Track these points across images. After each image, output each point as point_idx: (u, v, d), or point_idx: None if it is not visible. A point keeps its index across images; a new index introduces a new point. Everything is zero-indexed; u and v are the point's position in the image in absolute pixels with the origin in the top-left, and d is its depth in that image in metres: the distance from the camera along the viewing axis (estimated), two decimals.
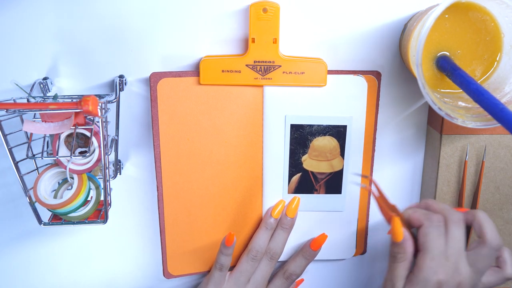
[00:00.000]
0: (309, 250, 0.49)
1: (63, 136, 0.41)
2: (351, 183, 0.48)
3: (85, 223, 0.43)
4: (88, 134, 0.41)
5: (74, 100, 0.38)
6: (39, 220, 0.43)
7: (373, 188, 0.45)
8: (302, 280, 0.53)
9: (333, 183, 0.49)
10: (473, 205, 0.48)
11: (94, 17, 0.43)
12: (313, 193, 0.49)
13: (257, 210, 0.49)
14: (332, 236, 0.50)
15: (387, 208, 0.44)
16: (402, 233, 0.41)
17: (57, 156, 0.40)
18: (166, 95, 0.45)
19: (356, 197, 0.49)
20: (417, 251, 0.41)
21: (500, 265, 0.43)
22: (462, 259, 0.40)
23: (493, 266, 0.43)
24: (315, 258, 0.51)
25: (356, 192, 0.49)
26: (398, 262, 0.41)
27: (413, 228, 0.43)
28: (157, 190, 0.47)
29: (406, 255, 0.41)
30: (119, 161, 0.48)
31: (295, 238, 0.50)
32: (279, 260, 0.50)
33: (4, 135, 0.40)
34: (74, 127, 0.40)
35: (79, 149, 0.42)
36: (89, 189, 0.42)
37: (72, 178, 0.41)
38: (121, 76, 0.45)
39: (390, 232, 0.42)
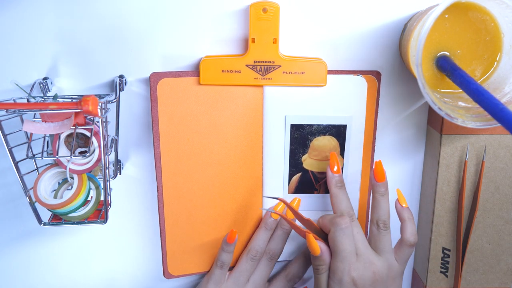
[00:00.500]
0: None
1: (63, 136, 0.41)
2: (269, 209, 0.48)
3: (85, 223, 0.43)
4: (88, 134, 0.41)
5: (74, 100, 0.38)
6: (39, 220, 0.43)
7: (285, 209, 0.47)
8: None
9: None
10: (473, 205, 0.48)
11: (94, 17, 0.43)
12: (313, 193, 0.49)
13: (257, 210, 0.49)
14: None
15: (299, 227, 0.45)
16: (318, 246, 0.43)
17: (57, 156, 0.40)
18: (166, 95, 0.45)
19: (356, 197, 0.50)
20: None
21: (401, 233, 0.45)
22: (370, 251, 0.44)
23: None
24: None
25: (356, 192, 0.49)
26: (321, 273, 0.44)
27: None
28: (157, 190, 0.47)
29: (327, 266, 0.43)
30: (119, 161, 0.48)
31: (295, 237, 0.50)
32: (279, 260, 0.50)
33: (4, 135, 0.40)
34: (74, 127, 0.40)
35: (79, 149, 0.42)
36: (89, 189, 0.42)
37: (72, 178, 0.41)
38: (121, 76, 0.45)
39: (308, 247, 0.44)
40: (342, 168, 0.48)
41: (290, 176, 0.48)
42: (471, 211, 0.48)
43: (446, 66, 0.40)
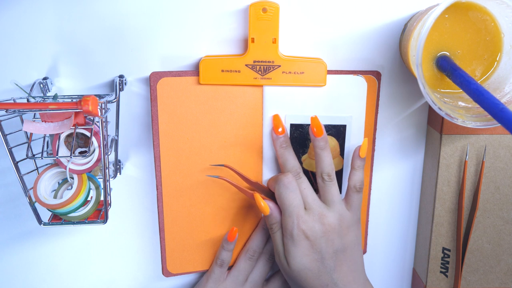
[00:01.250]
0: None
1: (63, 136, 0.41)
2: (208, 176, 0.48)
3: (85, 223, 0.43)
4: (88, 134, 0.41)
5: (74, 100, 0.38)
6: (39, 220, 0.43)
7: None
8: None
9: None
10: (473, 205, 0.48)
11: (94, 17, 0.43)
12: None
13: (256, 209, 0.49)
14: None
15: (246, 188, 0.46)
16: (267, 205, 0.44)
17: (57, 156, 0.40)
18: (165, 95, 0.45)
19: None
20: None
21: (348, 180, 0.46)
22: (319, 203, 0.44)
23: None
24: None
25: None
26: (275, 232, 0.44)
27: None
28: (157, 189, 0.47)
29: (278, 223, 0.44)
30: (119, 161, 0.48)
31: None
32: None
33: (4, 135, 0.40)
34: (74, 127, 0.40)
35: (79, 149, 0.42)
36: (89, 189, 0.42)
37: (72, 178, 0.41)
38: (121, 76, 0.45)
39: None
40: (342, 169, 0.48)
41: None
42: (471, 211, 0.48)
43: (446, 66, 0.40)
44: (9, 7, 0.43)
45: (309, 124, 0.46)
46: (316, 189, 0.46)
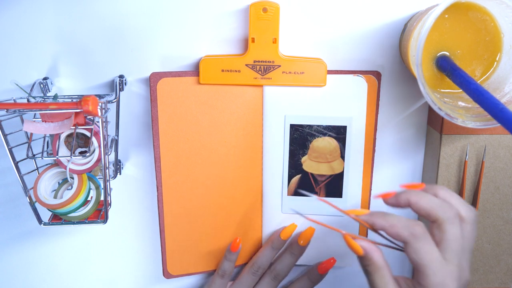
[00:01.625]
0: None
1: (63, 136, 0.41)
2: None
3: (85, 223, 0.43)
4: (88, 134, 0.41)
5: (74, 100, 0.38)
6: (39, 220, 0.43)
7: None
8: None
9: (333, 186, 0.49)
10: (473, 205, 0.48)
11: (94, 17, 0.43)
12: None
13: (257, 210, 0.49)
14: (332, 241, 0.50)
15: (335, 228, 0.40)
16: (359, 247, 0.37)
17: (57, 156, 0.40)
18: (165, 95, 0.45)
19: (358, 201, 0.49)
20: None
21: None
22: (461, 254, 0.36)
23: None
24: (313, 263, 0.51)
25: (357, 196, 0.49)
26: (373, 273, 0.37)
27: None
28: (157, 190, 0.47)
29: (376, 263, 0.37)
30: (119, 161, 0.48)
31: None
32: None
33: (4, 135, 0.40)
34: (74, 127, 0.40)
35: (79, 149, 0.42)
36: (89, 189, 0.42)
37: (72, 178, 0.41)
38: (121, 76, 0.45)
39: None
40: (343, 171, 0.48)
41: (290, 177, 0.48)
42: None
43: (446, 66, 0.40)
44: (9, 7, 0.43)
45: (309, 125, 0.46)
46: (314, 189, 0.45)
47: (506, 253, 0.49)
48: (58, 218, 0.43)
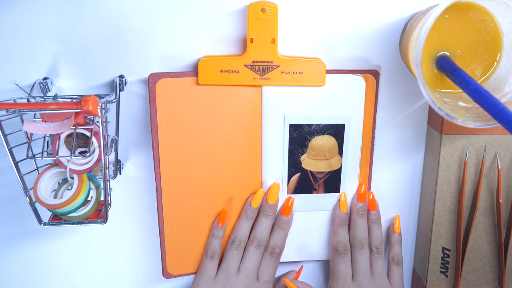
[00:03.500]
0: (280, 218, 0.49)
1: (63, 136, 0.41)
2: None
3: (85, 223, 0.43)
4: (88, 134, 0.41)
5: (74, 100, 0.38)
6: (39, 220, 0.43)
7: None
8: (302, 267, 0.53)
9: (331, 182, 0.49)
10: (473, 205, 0.48)
11: (94, 17, 0.43)
12: (312, 192, 0.49)
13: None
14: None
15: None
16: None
17: (57, 156, 0.40)
18: (164, 96, 0.45)
19: (354, 196, 0.49)
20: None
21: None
22: (367, 278, 0.48)
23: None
24: (313, 259, 0.51)
25: (355, 191, 0.49)
26: None
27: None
28: (156, 190, 0.47)
29: None
30: (119, 161, 0.48)
31: (295, 238, 0.50)
32: (281, 261, 0.50)
33: (4, 135, 0.40)
34: (74, 127, 0.40)
35: (79, 149, 0.42)
36: (89, 189, 0.42)
37: (72, 178, 0.42)
38: (121, 76, 0.45)
39: None
40: (341, 168, 0.48)
41: (289, 176, 0.48)
42: (471, 211, 0.48)
43: (446, 66, 0.40)
44: (9, 7, 0.43)
45: (308, 124, 0.46)
46: (313, 186, 0.46)
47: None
48: (58, 218, 0.43)
